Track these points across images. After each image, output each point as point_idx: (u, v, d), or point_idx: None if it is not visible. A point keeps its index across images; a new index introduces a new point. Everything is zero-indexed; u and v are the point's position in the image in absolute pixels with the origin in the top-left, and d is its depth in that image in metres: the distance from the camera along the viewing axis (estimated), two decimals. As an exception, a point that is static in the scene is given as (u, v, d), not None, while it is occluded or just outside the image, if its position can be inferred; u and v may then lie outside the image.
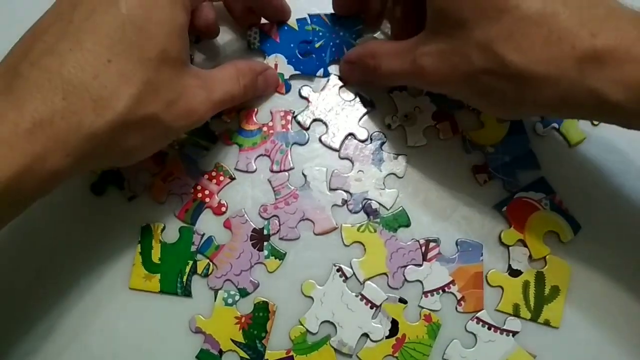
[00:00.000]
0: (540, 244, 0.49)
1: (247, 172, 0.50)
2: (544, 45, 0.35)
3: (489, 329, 0.48)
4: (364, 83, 0.51)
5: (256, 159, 0.50)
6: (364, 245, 0.49)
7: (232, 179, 0.50)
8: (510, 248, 0.49)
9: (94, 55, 0.36)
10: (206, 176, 0.50)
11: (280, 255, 0.48)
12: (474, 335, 0.48)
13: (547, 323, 0.48)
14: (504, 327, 0.48)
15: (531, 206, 0.50)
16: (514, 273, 0.49)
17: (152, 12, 0.38)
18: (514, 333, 0.48)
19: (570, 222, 0.49)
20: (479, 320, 0.48)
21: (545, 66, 0.35)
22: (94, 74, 0.35)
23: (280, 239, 0.49)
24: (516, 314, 0.48)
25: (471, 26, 0.37)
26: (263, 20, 0.52)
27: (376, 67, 0.45)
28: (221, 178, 0.50)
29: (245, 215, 0.49)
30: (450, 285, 0.48)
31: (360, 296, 0.48)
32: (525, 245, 0.49)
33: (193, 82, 0.41)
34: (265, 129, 0.50)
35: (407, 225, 0.49)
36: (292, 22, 0.52)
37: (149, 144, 0.41)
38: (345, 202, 0.49)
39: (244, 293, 0.48)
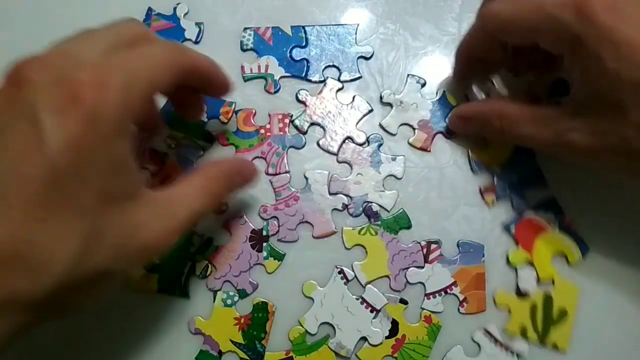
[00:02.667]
0: (548, 266, 0.48)
1: (242, 173, 0.50)
2: None
3: (495, 343, 0.47)
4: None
5: (252, 160, 0.50)
6: (365, 248, 0.49)
7: (231, 177, 0.50)
8: (518, 269, 0.48)
9: (23, 216, 0.30)
10: (205, 176, 0.50)
11: (279, 256, 0.48)
12: (479, 345, 0.47)
13: (554, 347, 0.47)
14: (510, 346, 0.47)
15: (539, 227, 0.49)
16: (522, 295, 0.48)
17: (84, 153, 0.31)
18: (519, 355, 0.47)
19: (578, 244, 0.49)
20: (486, 332, 0.47)
21: None
22: (25, 238, 0.30)
23: (279, 240, 0.49)
24: (523, 336, 0.47)
25: (629, 108, 0.38)
26: (257, 25, 0.53)
27: (504, 129, 0.45)
28: (220, 177, 0.50)
29: (245, 217, 0.49)
30: (452, 286, 0.48)
31: (361, 299, 0.48)
32: (533, 267, 0.48)
33: (145, 214, 0.36)
34: (262, 131, 0.51)
35: (408, 227, 0.49)
36: (286, 28, 0.53)
37: (104, 293, 0.36)
38: (345, 206, 0.49)
39: (243, 294, 0.48)
